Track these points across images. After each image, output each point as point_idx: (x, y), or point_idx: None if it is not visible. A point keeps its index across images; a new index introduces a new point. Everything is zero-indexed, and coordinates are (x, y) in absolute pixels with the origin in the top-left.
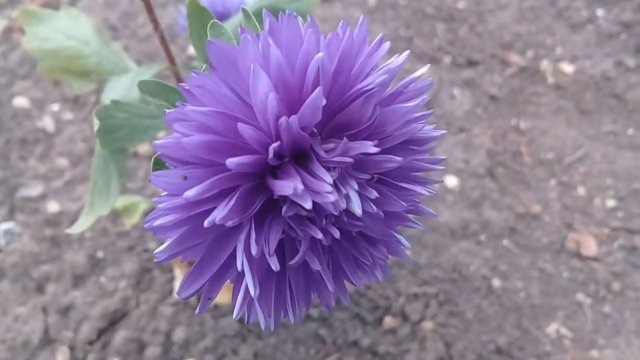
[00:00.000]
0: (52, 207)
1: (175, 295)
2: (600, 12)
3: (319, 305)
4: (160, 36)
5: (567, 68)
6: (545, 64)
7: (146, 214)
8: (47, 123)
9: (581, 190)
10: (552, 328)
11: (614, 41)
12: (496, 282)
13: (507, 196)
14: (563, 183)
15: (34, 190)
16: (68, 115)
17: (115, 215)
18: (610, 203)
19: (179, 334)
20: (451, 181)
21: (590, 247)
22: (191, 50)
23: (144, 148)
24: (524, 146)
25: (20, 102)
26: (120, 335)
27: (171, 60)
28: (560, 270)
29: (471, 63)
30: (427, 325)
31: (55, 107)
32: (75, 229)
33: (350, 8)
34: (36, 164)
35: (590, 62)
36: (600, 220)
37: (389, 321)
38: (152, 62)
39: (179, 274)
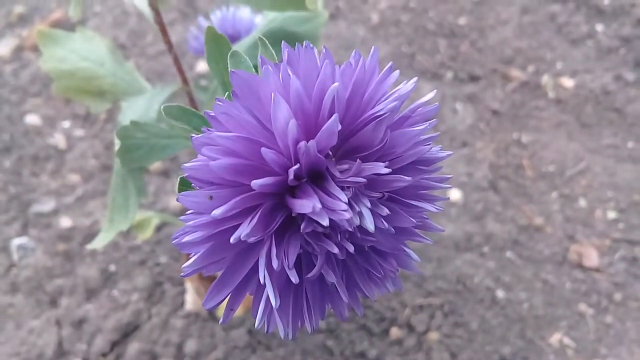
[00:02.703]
0: (65, 222)
1: (186, 307)
2: (599, 27)
3: (326, 317)
4: (174, 57)
5: (568, 82)
6: (546, 79)
7: (157, 228)
8: (59, 140)
9: (582, 203)
10: (555, 338)
11: (614, 56)
12: (500, 293)
13: (509, 209)
14: (565, 195)
15: (47, 205)
16: (79, 132)
17: (127, 230)
18: (611, 215)
19: (190, 346)
20: (454, 194)
21: (592, 258)
22: (199, 68)
23: (154, 165)
24: (525, 159)
25: (32, 119)
26: (133, 347)
27: (184, 80)
28: (562, 281)
29: (473, 78)
30: (433, 336)
31: (67, 124)
32: (96, 244)
33: (354, 26)
34: (48, 180)
35: (590, 76)
36: (601, 232)
37: (395, 332)
38: (161, 80)
39: (190, 288)
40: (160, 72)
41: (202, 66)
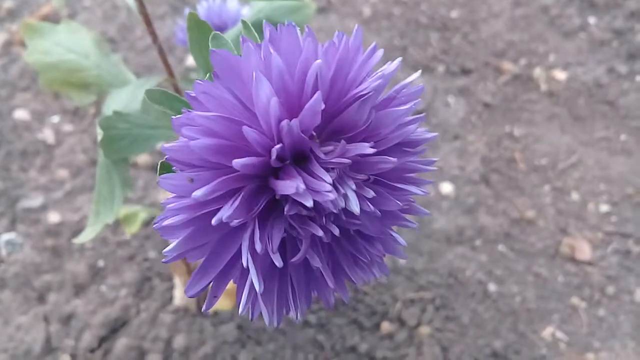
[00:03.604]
0: (53, 217)
1: (175, 302)
2: (592, 20)
3: (317, 311)
4: (159, 48)
5: (560, 75)
6: (538, 72)
7: (146, 223)
8: (47, 135)
9: (575, 196)
10: (547, 332)
11: (606, 48)
12: (492, 287)
13: (501, 202)
14: (557, 188)
15: (35, 201)
16: (68, 127)
17: (115, 225)
18: (604, 208)
19: (179, 341)
20: (446, 188)
21: (584, 251)
22: (189, 62)
23: (143, 159)
24: (518, 152)
25: (21, 114)
26: (121, 343)
27: (170, 72)
28: (555, 275)
29: (465, 71)
30: (424, 330)
31: (55, 119)
32: (82, 239)
33: (346, 19)
34: (37, 175)
35: (583, 69)
36: (594, 225)
37: (386, 326)
38: (150, 74)
39: (179, 282)
40: (149, 66)
41: (191, 60)
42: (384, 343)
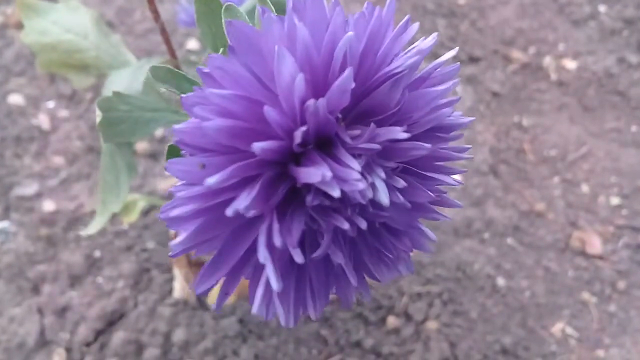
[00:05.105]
0: (48, 206)
1: (174, 295)
2: (602, 8)
3: None
4: (161, 28)
5: (570, 64)
6: (547, 60)
7: (145, 212)
8: (43, 120)
9: (585, 188)
10: (557, 327)
11: (617, 37)
12: (500, 281)
13: (510, 194)
14: (567, 180)
15: (29, 188)
16: (64, 113)
17: (112, 214)
18: (615, 201)
19: (178, 335)
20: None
21: (595, 245)
22: (189, 45)
23: (141, 146)
24: (527, 143)
25: (15, 99)
26: (118, 337)
27: (172, 52)
28: (565, 269)
29: (473, 59)
30: (431, 325)
31: (51, 104)
32: (91, 230)
33: (351, 4)
34: (31, 162)
35: (593, 58)
36: (604, 218)
37: (392, 321)
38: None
39: (178, 274)
40: (148, 51)
41: (191, 44)
42: (390, 338)
